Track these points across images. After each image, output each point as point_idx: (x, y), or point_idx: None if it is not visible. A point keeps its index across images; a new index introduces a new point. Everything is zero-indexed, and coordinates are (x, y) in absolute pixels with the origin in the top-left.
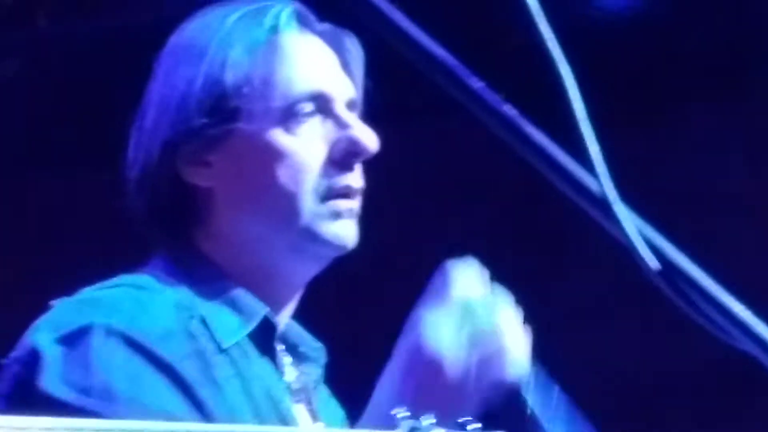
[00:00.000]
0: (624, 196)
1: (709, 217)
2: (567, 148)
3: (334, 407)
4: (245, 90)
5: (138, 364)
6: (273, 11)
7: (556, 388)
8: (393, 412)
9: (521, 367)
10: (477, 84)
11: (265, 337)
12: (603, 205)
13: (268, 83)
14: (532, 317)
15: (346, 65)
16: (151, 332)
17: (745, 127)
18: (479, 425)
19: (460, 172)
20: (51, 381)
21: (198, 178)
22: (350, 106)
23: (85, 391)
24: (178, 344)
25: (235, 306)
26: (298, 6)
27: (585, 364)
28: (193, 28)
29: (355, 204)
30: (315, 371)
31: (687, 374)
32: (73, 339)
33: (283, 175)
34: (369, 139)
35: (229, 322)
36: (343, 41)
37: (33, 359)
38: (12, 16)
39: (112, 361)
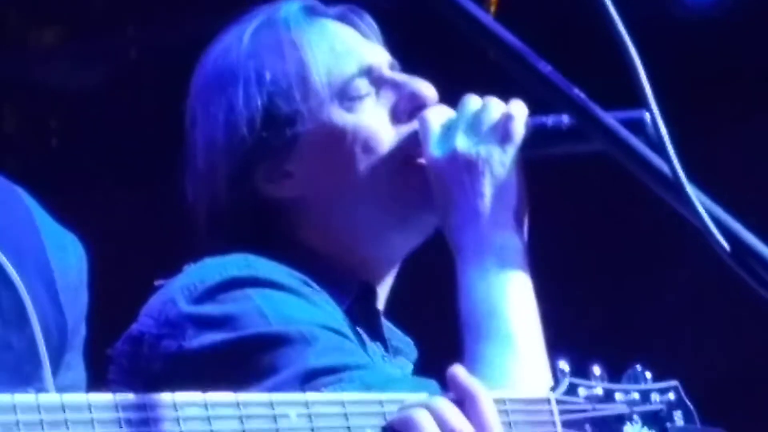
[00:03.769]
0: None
1: None
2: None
3: None
4: (289, 92)
5: (293, 293)
6: (282, 12)
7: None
8: (560, 365)
9: None
10: (546, 68)
11: (368, 303)
12: (674, 187)
13: (306, 78)
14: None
15: (367, 37)
16: (292, 275)
17: None
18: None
19: (542, 172)
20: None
21: (285, 191)
22: (392, 67)
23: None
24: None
25: (330, 279)
26: (303, 1)
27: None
28: (213, 59)
29: None
30: (408, 366)
31: None
32: (221, 291)
33: (363, 152)
34: (427, 89)
35: (331, 293)
36: (356, 18)
37: (180, 325)
38: (101, 24)
39: (273, 296)
